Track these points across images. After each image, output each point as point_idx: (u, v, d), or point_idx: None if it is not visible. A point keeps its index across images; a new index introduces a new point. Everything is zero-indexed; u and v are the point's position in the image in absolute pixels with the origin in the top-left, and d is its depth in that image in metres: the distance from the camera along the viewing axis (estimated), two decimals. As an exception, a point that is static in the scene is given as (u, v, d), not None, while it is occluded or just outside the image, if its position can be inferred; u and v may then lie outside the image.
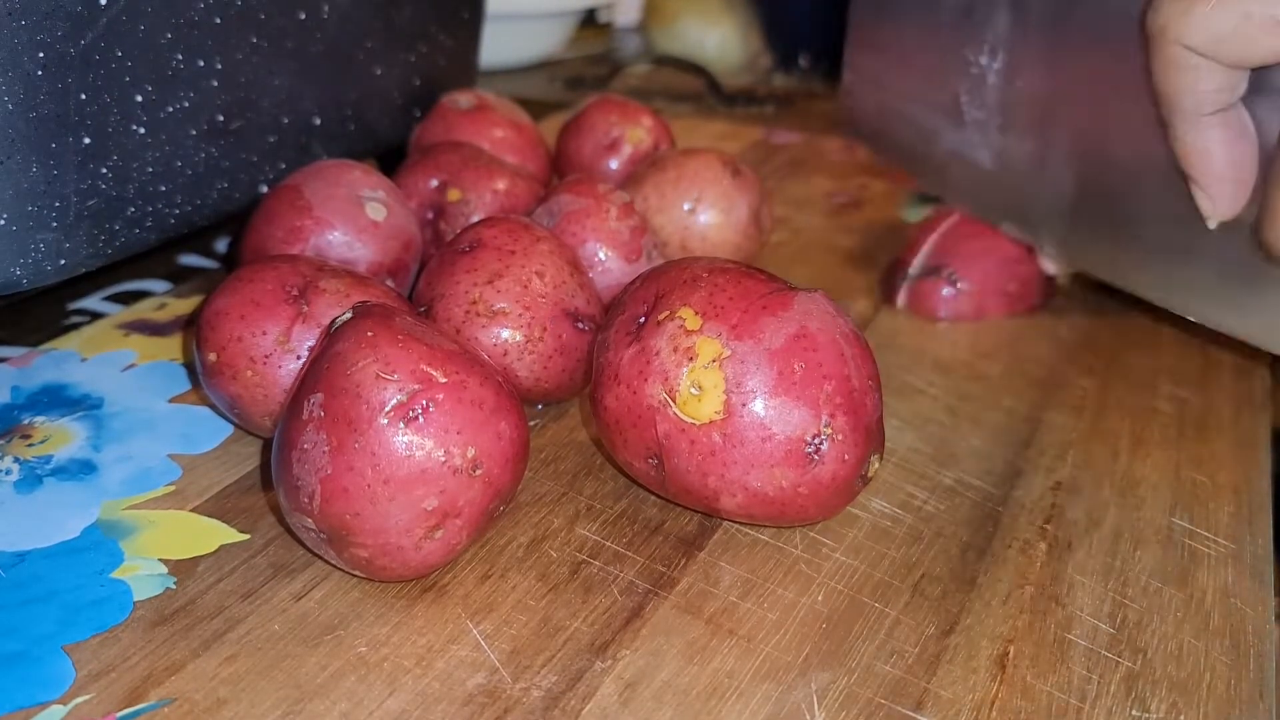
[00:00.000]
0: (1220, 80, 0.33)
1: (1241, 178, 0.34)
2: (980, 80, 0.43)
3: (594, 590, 0.30)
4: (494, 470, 0.28)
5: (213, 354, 0.33)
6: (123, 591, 0.29)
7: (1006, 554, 0.33)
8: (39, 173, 0.35)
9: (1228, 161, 0.34)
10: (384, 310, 0.29)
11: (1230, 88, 0.33)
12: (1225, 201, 0.35)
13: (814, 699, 0.27)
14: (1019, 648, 0.29)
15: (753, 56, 0.94)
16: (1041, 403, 0.41)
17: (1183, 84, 0.33)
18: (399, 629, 0.28)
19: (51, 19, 0.34)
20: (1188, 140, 0.34)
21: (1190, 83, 0.33)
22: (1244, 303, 0.37)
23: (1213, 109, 0.34)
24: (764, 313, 0.30)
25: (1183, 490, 0.36)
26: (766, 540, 0.33)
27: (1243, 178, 0.34)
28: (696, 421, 0.30)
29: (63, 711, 0.25)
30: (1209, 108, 0.34)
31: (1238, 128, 0.34)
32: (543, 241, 0.37)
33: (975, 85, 0.44)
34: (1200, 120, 0.34)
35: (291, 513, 0.28)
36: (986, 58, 0.43)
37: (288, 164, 0.46)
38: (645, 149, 0.52)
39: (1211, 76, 0.33)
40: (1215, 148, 0.34)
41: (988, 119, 0.44)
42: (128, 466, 0.35)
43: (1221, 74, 0.33)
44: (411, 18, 0.52)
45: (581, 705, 0.26)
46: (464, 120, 0.51)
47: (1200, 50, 0.33)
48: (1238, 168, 0.34)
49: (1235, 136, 0.34)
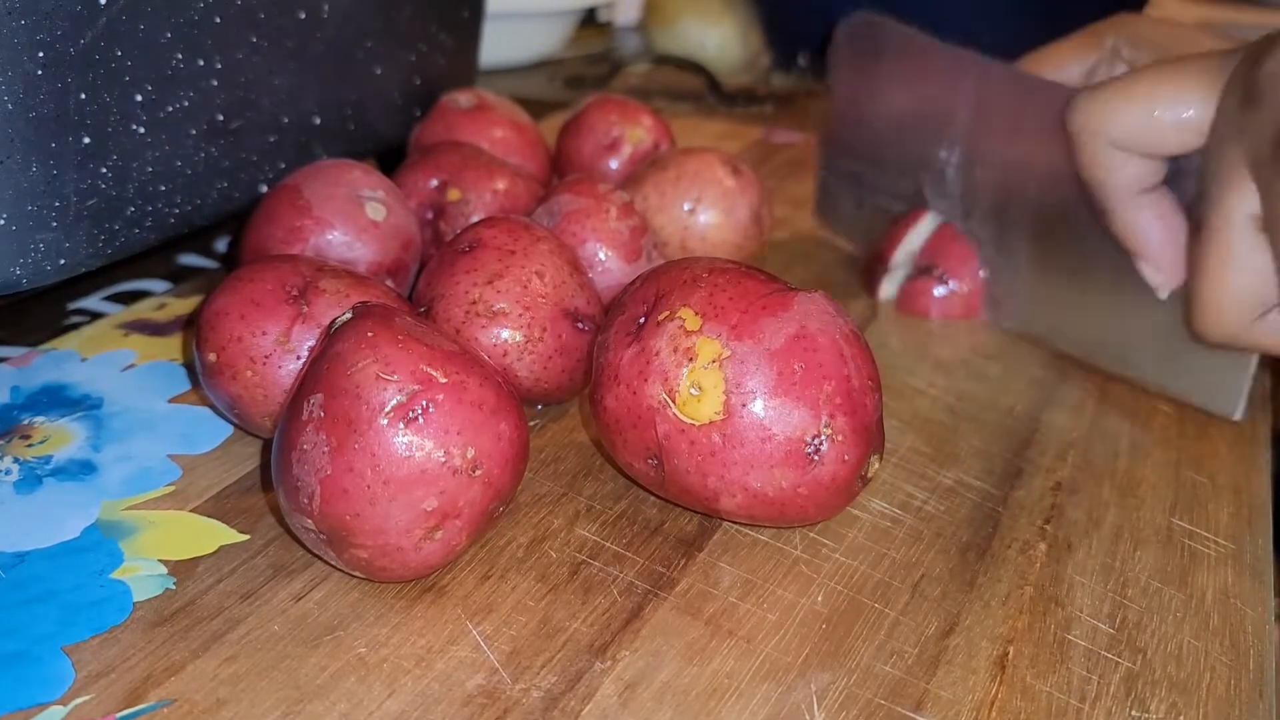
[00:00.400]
0: (1139, 168, 0.37)
1: (1179, 247, 0.37)
2: (941, 173, 0.48)
3: (594, 591, 0.30)
4: (494, 471, 0.28)
5: (213, 354, 0.33)
6: (122, 592, 0.29)
7: (1006, 554, 0.33)
8: (39, 173, 0.35)
9: (1164, 234, 0.37)
10: (384, 310, 0.29)
11: (1150, 172, 0.37)
12: (1170, 270, 0.38)
13: (814, 699, 0.27)
14: (1019, 648, 0.29)
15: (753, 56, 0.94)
16: (1041, 403, 0.41)
17: (1108, 174, 0.37)
18: (399, 629, 0.28)
19: (51, 19, 0.34)
20: (1123, 220, 0.38)
21: (1114, 171, 0.37)
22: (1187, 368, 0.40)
23: (1140, 190, 0.37)
24: (764, 313, 0.30)
25: (1183, 490, 0.36)
26: (766, 541, 0.33)
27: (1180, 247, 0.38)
28: (696, 422, 0.30)
29: (62, 712, 0.25)
30: (1135, 190, 0.37)
31: (1167, 204, 0.37)
32: (543, 241, 0.37)
33: (937, 177, 0.48)
34: (1131, 201, 0.37)
35: (291, 513, 0.28)
36: (945, 151, 0.47)
37: (288, 164, 0.46)
38: (645, 149, 0.52)
39: (1131, 165, 0.37)
40: (1151, 224, 0.37)
41: (950, 207, 0.48)
42: (128, 466, 0.35)
43: (1139, 162, 0.37)
44: (411, 18, 0.52)
45: (581, 706, 0.26)
46: (464, 120, 0.51)
47: (1118, 144, 0.36)
48: (1175, 239, 0.37)
49: (1167, 211, 0.37)
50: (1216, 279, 0.34)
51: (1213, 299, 0.34)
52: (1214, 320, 0.35)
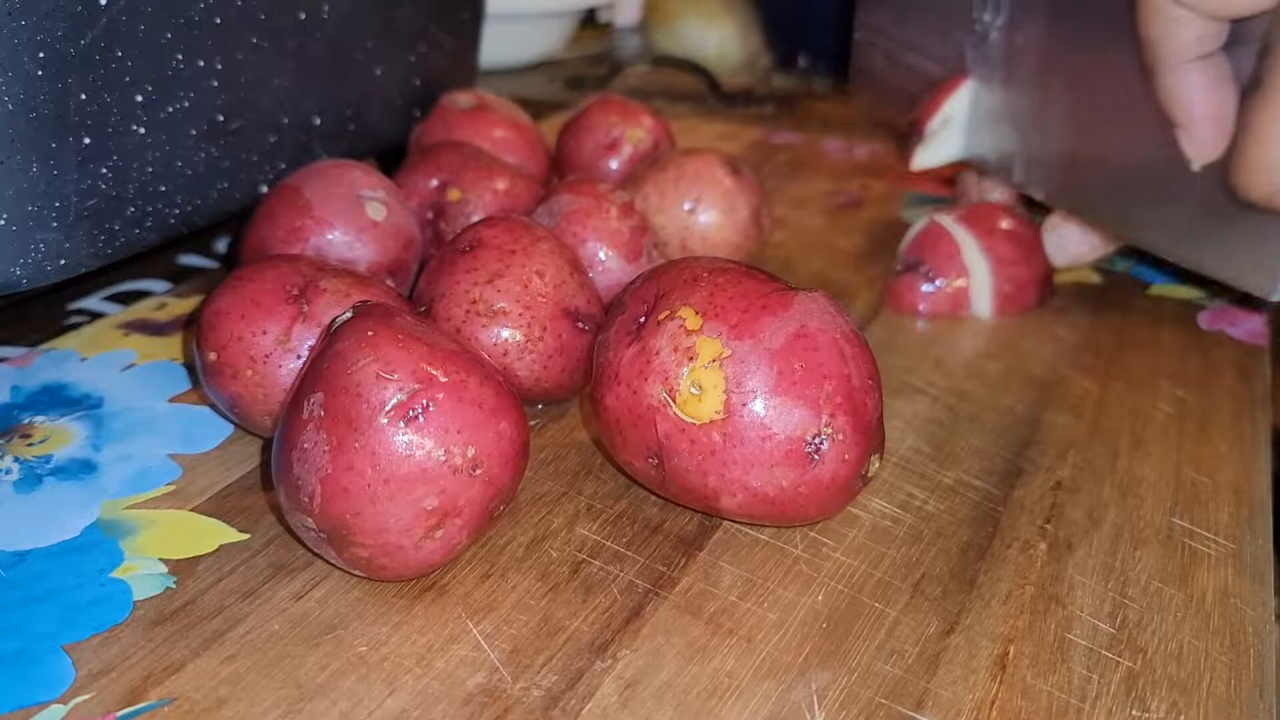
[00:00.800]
0: (1199, 29, 0.35)
1: (1222, 121, 0.36)
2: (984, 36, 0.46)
3: (594, 590, 0.30)
4: (494, 470, 0.28)
5: (213, 353, 0.33)
6: (123, 591, 0.29)
7: (1006, 554, 0.33)
8: (39, 173, 0.35)
9: (1208, 105, 0.36)
10: (384, 310, 0.29)
11: (1210, 37, 0.35)
12: (1207, 144, 0.37)
13: (814, 699, 0.27)
14: (1019, 648, 0.29)
15: (753, 56, 0.94)
16: (1041, 403, 0.41)
17: (1165, 32, 0.36)
18: (399, 629, 0.28)
19: (51, 19, 0.34)
20: (1170, 85, 0.36)
21: (1172, 31, 0.35)
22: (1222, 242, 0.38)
23: (1193, 56, 0.36)
24: (764, 312, 0.30)
25: (1183, 490, 0.36)
26: (766, 540, 0.33)
27: (1223, 121, 0.36)
28: (696, 421, 0.30)
29: (62, 711, 0.25)
30: (1190, 54, 0.36)
31: (1218, 73, 0.36)
32: (543, 241, 0.37)
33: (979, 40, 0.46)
34: (1182, 66, 0.36)
35: (291, 512, 0.28)
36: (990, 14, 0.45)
37: (288, 164, 0.46)
38: (645, 149, 0.52)
39: (1191, 26, 0.35)
40: (1196, 93, 0.36)
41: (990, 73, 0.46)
42: (128, 466, 0.35)
43: (1201, 24, 0.35)
44: (411, 18, 0.53)
45: (581, 705, 0.26)
46: (464, 120, 0.51)
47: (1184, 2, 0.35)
48: (1218, 112, 0.36)
49: (1215, 82, 0.36)
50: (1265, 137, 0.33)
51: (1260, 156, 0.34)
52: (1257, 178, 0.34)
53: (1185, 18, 0.35)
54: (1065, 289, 0.51)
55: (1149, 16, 0.36)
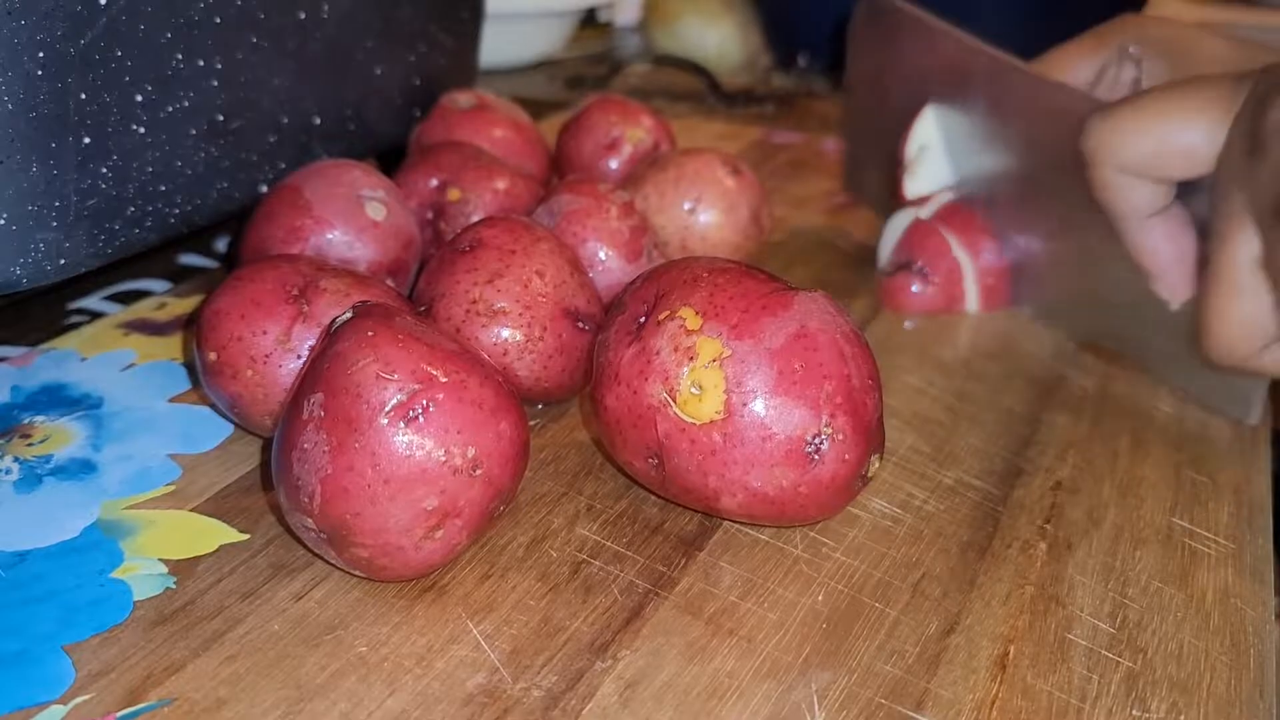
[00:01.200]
0: (1150, 192, 0.37)
1: (1188, 264, 0.38)
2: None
3: (594, 590, 0.30)
4: (494, 470, 0.28)
5: (213, 353, 0.33)
6: (123, 591, 0.29)
7: (1006, 554, 0.33)
8: (39, 172, 0.35)
9: (1174, 253, 0.38)
10: (384, 310, 0.29)
11: (1161, 194, 0.38)
12: (1179, 287, 0.39)
13: (814, 699, 0.27)
14: (1019, 648, 0.29)
15: (753, 56, 0.94)
16: (1041, 403, 0.41)
17: (1119, 197, 0.38)
18: (399, 629, 0.28)
19: (51, 19, 0.34)
20: (1136, 241, 0.39)
21: (1125, 195, 0.38)
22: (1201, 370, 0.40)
23: (1150, 213, 0.38)
24: (764, 312, 0.30)
25: (1183, 490, 0.36)
26: (766, 540, 0.33)
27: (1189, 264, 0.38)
28: (697, 421, 0.30)
29: (62, 711, 0.25)
30: (1146, 212, 0.38)
31: (1178, 222, 0.38)
32: (543, 241, 0.37)
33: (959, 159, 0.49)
34: (1143, 223, 0.38)
35: (291, 512, 0.28)
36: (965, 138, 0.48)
37: (288, 164, 0.46)
38: (645, 149, 0.52)
39: (1141, 189, 0.37)
40: (1160, 244, 0.38)
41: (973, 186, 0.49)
42: (128, 466, 0.35)
43: (1151, 187, 0.37)
44: (411, 18, 0.52)
45: (581, 705, 0.26)
46: (464, 120, 0.51)
47: (1127, 171, 0.37)
48: (1183, 256, 0.38)
49: (1176, 230, 0.38)
50: (1222, 313, 0.35)
51: (1219, 330, 0.35)
52: (1222, 349, 0.35)
53: (1133, 183, 0.37)
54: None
55: (1100, 185, 0.38)
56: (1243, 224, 0.33)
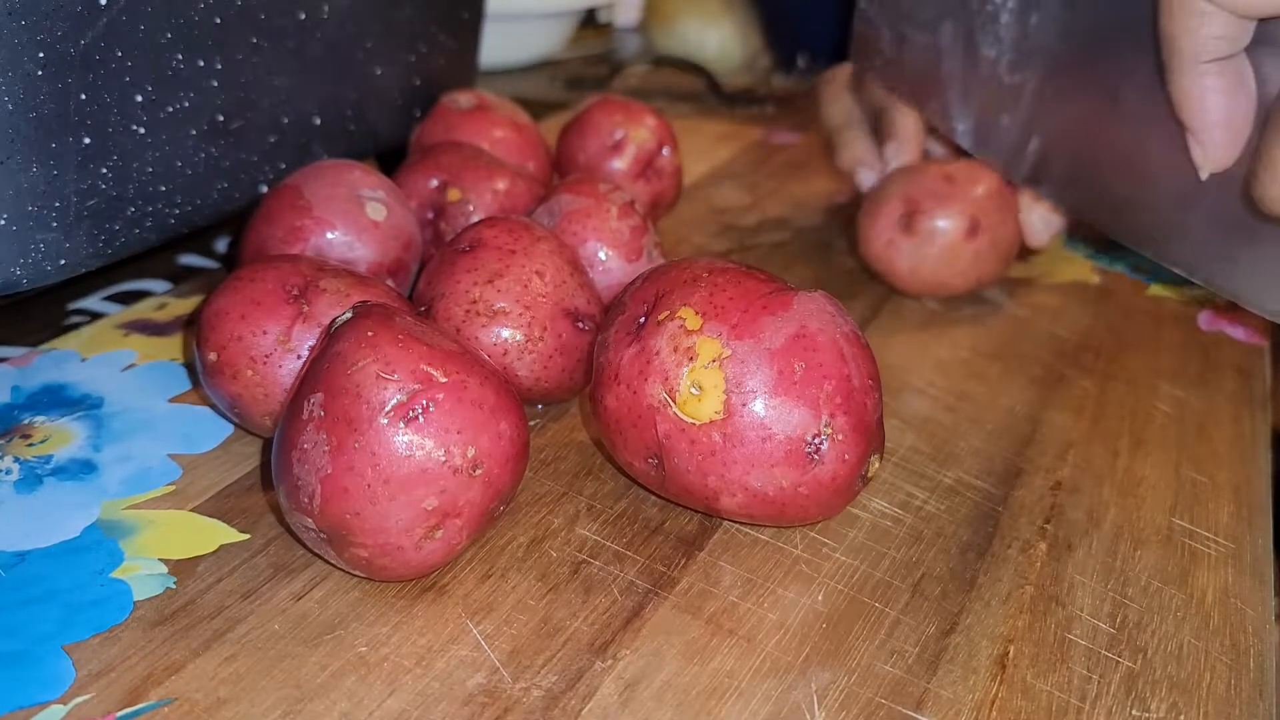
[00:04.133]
0: (1224, 28, 0.33)
1: (1236, 129, 0.34)
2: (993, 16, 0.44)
3: (594, 590, 0.30)
4: (494, 470, 0.28)
5: (213, 353, 0.33)
6: (123, 591, 0.29)
7: (1006, 554, 0.33)
8: (39, 173, 0.35)
9: (1222, 111, 0.34)
10: (384, 310, 0.29)
11: (1233, 37, 0.33)
12: (1217, 152, 0.34)
13: (814, 699, 0.27)
14: (1019, 648, 0.29)
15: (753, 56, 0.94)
16: (1041, 403, 0.41)
17: (1187, 28, 0.33)
18: (399, 629, 0.28)
19: (51, 19, 0.34)
20: (1184, 86, 0.34)
21: (1194, 27, 0.33)
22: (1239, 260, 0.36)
23: (1212, 56, 0.33)
24: (764, 313, 0.30)
25: (1183, 490, 0.36)
26: (766, 540, 0.33)
27: (1237, 129, 0.34)
28: (696, 421, 0.30)
29: (63, 711, 0.25)
30: (1209, 55, 0.33)
31: (1236, 79, 0.34)
32: (543, 241, 0.37)
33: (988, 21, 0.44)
34: (1199, 67, 0.34)
35: (291, 512, 0.28)
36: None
37: (288, 164, 0.46)
38: (649, 150, 0.52)
39: (1216, 23, 0.33)
40: (1211, 96, 0.34)
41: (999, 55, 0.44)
42: (128, 466, 0.35)
43: (1226, 21, 0.33)
44: (411, 18, 0.52)
45: (581, 705, 0.26)
46: (464, 120, 0.51)
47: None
48: (1232, 119, 0.34)
49: (1232, 87, 0.34)
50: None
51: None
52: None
53: (1209, 13, 0.33)
54: (1065, 289, 0.51)
55: (1172, 11, 0.34)
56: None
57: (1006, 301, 0.50)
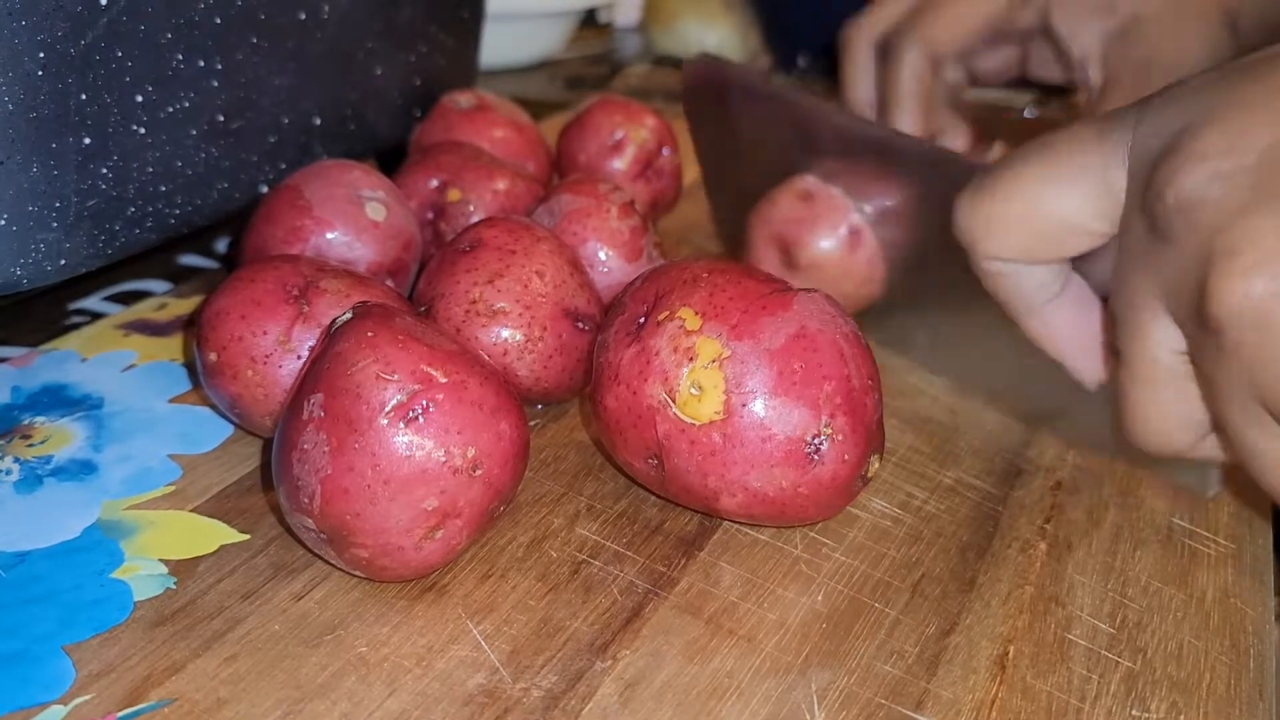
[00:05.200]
0: (1041, 276, 0.33)
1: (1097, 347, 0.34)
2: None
3: (594, 590, 0.30)
4: (494, 470, 0.28)
5: (213, 354, 0.33)
6: (123, 591, 0.29)
7: (1006, 554, 0.33)
8: (39, 173, 0.35)
9: (1081, 338, 0.34)
10: (384, 310, 0.29)
11: (1054, 278, 0.33)
12: (1092, 370, 0.34)
13: (814, 699, 0.27)
14: (1019, 648, 0.29)
15: (752, 56, 0.94)
16: (1041, 403, 0.41)
17: (1007, 288, 0.33)
18: (399, 629, 0.28)
19: (51, 19, 0.34)
20: (1036, 331, 0.34)
21: (1013, 285, 0.33)
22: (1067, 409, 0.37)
23: (1045, 300, 0.33)
24: (764, 313, 0.30)
25: (1183, 490, 0.36)
26: (766, 540, 0.33)
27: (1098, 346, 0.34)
28: (696, 421, 0.30)
29: (63, 711, 0.25)
30: (1040, 300, 0.33)
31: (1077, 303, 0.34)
32: (543, 241, 0.37)
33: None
34: (1039, 310, 0.33)
35: (292, 513, 0.28)
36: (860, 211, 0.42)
37: (288, 164, 0.46)
38: (649, 150, 0.52)
39: (1031, 275, 0.33)
40: (1061, 331, 0.34)
41: None
42: (128, 466, 0.35)
43: (1040, 272, 0.33)
44: (411, 18, 0.52)
45: (581, 705, 0.26)
46: (464, 120, 0.51)
47: (1012, 259, 0.32)
48: (1093, 338, 0.34)
49: (1079, 313, 0.34)
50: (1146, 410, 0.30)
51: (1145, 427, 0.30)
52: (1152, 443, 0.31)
53: (1018, 270, 0.33)
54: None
55: (987, 280, 0.34)
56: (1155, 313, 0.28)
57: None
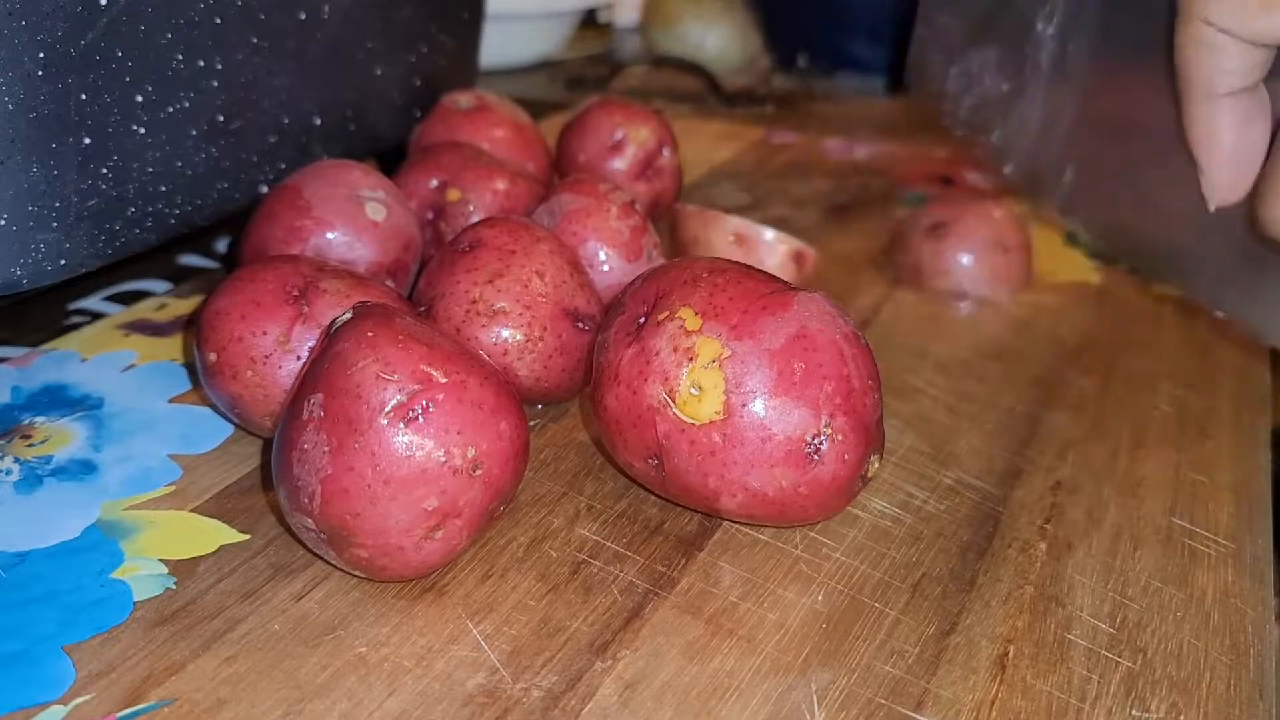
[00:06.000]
0: (1237, 60, 0.32)
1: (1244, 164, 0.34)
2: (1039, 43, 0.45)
3: (594, 590, 0.30)
4: (494, 470, 0.28)
5: (213, 354, 0.33)
6: (123, 592, 0.29)
7: (1006, 554, 0.33)
8: (39, 173, 0.35)
9: (1232, 145, 0.33)
10: (384, 310, 0.29)
11: (1248, 70, 0.32)
12: (1225, 187, 0.34)
13: (814, 699, 0.27)
14: (1019, 648, 0.29)
15: (753, 57, 0.94)
16: (1041, 403, 0.41)
17: (1200, 60, 0.33)
18: (399, 629, 0.28)
19: (51, 19, 0.34)
20: (1197, 119, 0.34)
21: (1207, 59, 0.33)
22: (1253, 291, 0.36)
23: (1226, 90, 0.33)
24: (764, 313, 0.30)
25: (1183, 490, 0.36)
26: (766, 540, 0.33)
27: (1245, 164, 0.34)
28: (696, 421, 0.30)
29: (63, 712, 0.25)
30: (1222, 88, 0.33)
31: (1250, 113, 0.33)
32: (543, 241, 0.37)
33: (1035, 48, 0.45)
34: (1212, 100, 0.33)
35: (292, 513, 0.28)
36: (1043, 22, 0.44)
37: (288, 164, 0.46)
38: (650, 150, 0.52)
39: (1228, 55, 0.32)
40: (1221, 130, 0.33)
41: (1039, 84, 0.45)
42: (128, 467, 0.35)
43: (1240, 53, 0.32)
44: (411, 18, 0.52)
45: (581, 705, 0.26)
46: (464, 120, 0.51)
47: (1223, 26, 0.32)
48: (1242, 154, 0.33)
49: (1245, 121, 0.33)
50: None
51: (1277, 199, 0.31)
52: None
53: (1224, 45, 0.32)
54: (1065, 289, 0.51)
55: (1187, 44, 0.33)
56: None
57: (1006, 301, 0.50)
